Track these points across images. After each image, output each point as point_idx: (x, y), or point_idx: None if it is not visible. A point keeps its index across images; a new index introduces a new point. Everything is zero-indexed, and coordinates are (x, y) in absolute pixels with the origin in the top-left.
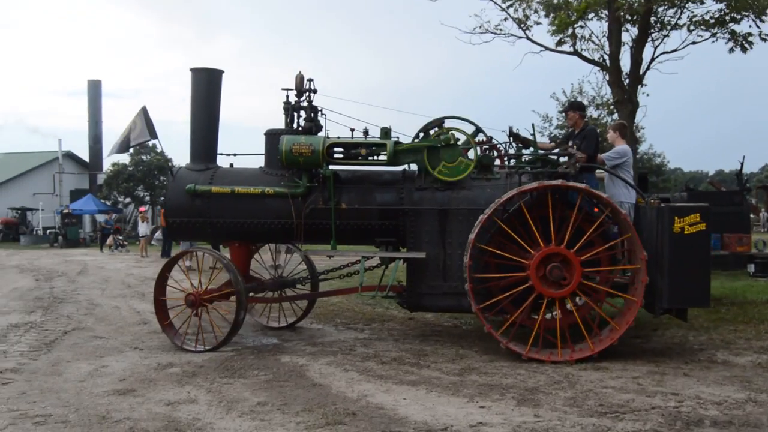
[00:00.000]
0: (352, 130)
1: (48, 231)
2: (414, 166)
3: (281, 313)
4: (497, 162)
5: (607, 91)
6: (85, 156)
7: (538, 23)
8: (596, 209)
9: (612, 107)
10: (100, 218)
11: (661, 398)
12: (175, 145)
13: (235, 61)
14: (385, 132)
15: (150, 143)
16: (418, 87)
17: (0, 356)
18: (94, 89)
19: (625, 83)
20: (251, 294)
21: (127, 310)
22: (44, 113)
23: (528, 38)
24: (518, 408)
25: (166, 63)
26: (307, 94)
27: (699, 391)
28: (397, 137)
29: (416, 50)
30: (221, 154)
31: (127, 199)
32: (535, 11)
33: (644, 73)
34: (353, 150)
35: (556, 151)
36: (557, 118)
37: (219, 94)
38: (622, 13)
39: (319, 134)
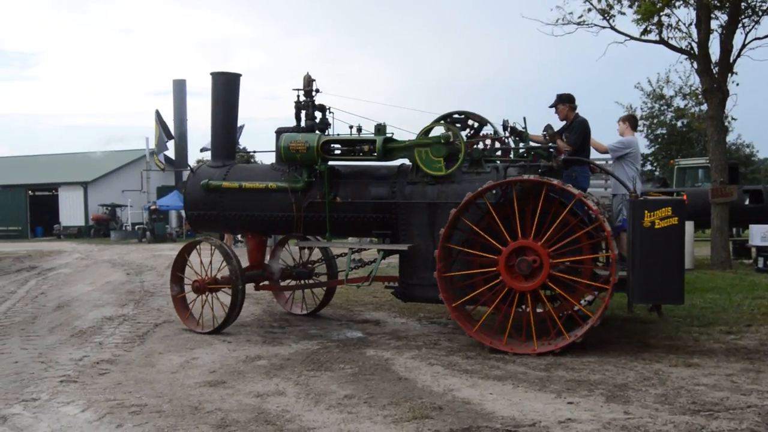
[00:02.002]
0: (351, 127)
1: (136, 227)
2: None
3: (303, 302)
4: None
5: (694, 81)
6: (171, 153)
7: (621, 13)
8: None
9: (700, 97)
10: None
11: (757, 396)
12: (259, 141)
13: (312, 60)
14: (379, 129)
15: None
16: (489, 79)
17: (96, 347)
18: (179, 88)
19: (714, 71)
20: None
21: (214, 304)
22: (132, 114)
23: (612, 28)
24: (607, 404)
25: (247, 62)
26: (313, 93)
27: None
28: (392, 133)
29: (488, 41)
30: (239, 152)
31: None
32: (619, 1)
33: (734, 61)
34: (347, 146)
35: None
36: (641, 108)
37: (237, 96)
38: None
39: (327, 131)
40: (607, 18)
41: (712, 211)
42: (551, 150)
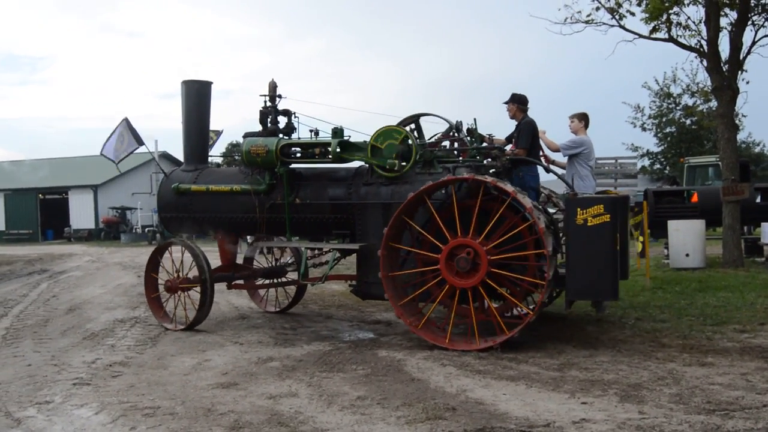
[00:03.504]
0: (311, 130)
1: (146, 229)
2: None
3: (265, 299)
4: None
5: (701, 78)
6: (179, 156)
7: (631, 13)
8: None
9: (709, 95)
10: None
11: None
12: None
13: (316, 62)
14: (336, 132)
15: (143, 149)
16: (485, 77)
17: (109, 350)
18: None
19: (724, 69)
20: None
21: (226, 305)
22: (142, 116)
23: (621, 26)
24: (621, 404)
25: (252, 63)
26: (277, 99)
27: None
28: (349, 136)
29: (485, 42)
30: (212, 156)
31: None
32: None
33: (744, 58)
34: (307, 150)
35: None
36: (650, 107)
37: (209, 103)
38: None
39: (293, 135)
40: (616, 16)
41: (723, 210)
42: (498, 150)
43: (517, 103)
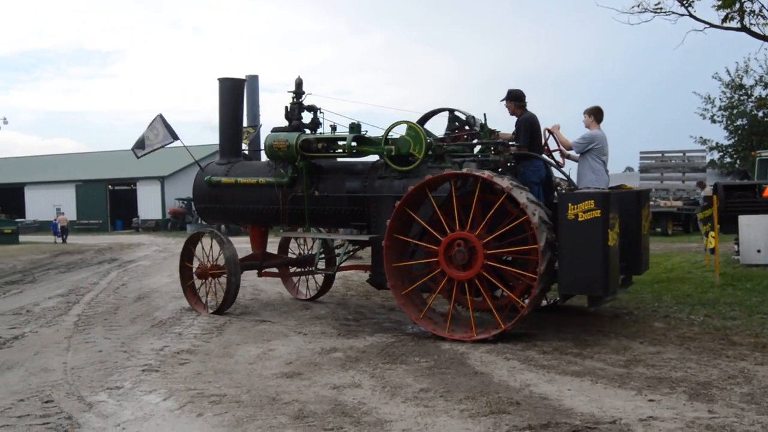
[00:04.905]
0: (331, 126)
1: None
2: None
3: (295, 287)
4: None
5: None
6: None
7: None
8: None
9: None
10: None
11: None
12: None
13: (376, 56)
14: (353, 127)
15: (175, 144)
16: (538, 70)
17: (176, 338)
18: (252, 84)
19: None
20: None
21: (289, 296)
22: (205, 110)
23: (691, 15)
24: (690, 403)
25: (316, 57)
26: (302, 95)
27: None
28: (366, 131)
29: (548, 34)
30: (252, 150)
31: None
32: None
33: None
34: (324, 144)
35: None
36: (720, 99)
37: (242, 100)
38: None
39: (318, 131)
40: (686, 5)
41: None
42: (501, 145)
43: (514, 100)
